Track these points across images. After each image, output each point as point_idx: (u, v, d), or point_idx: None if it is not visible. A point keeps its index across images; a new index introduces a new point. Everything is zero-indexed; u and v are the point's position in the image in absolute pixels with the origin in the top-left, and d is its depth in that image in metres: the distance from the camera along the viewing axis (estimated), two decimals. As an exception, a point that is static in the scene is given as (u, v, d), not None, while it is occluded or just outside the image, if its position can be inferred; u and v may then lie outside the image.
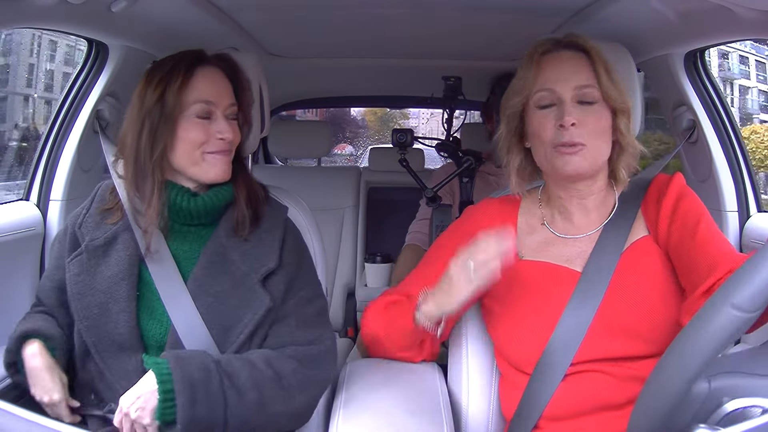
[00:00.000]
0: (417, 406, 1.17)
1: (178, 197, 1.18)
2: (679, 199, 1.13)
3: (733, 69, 6.16)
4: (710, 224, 1.12)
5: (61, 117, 1.63)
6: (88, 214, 1.24)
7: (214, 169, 1.18)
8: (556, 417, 1.11)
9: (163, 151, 1.15)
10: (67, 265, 1.20)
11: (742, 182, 1.63)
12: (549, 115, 1.13)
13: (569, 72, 1.13)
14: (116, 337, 1.14)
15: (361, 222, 2.84)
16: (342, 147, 9.86)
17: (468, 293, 1.09)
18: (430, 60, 2.30)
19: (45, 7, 1.19)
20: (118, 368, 1.14)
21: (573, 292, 1.12)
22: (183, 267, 1.18)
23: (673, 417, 0.80)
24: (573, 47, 1.15)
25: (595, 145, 1.12)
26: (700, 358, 0.76)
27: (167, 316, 1.15)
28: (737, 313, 0.73)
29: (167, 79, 1.15)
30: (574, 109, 1.11)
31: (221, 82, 1.20)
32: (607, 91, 1.12)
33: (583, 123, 1.11)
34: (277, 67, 2.32)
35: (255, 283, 1.16)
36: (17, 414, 0.69)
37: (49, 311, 1.23)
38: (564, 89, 1.12)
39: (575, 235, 1.19)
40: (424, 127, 10.27)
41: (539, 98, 1.14)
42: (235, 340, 1.14)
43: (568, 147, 1.11)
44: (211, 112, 1.17)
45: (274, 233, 1.21)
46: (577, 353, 1.10)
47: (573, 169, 1.12)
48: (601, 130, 1.13)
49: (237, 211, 1.20)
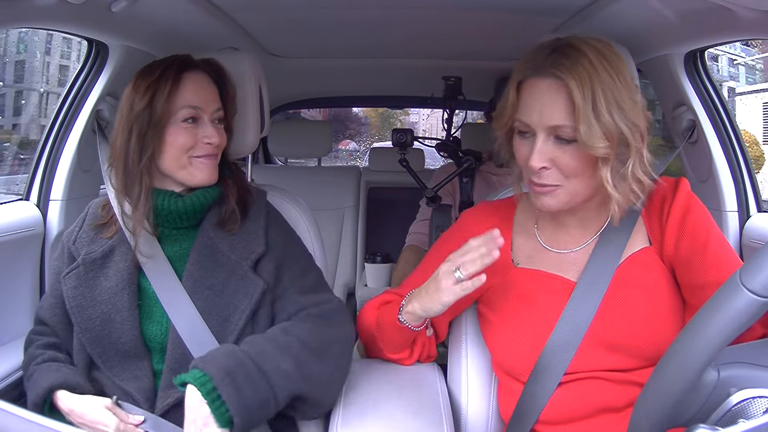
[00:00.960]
0: (417, 406, 1.17)
1: (165, 201, 1.20)
2: (687, 211, 1.06)
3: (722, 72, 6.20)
4: (720, 239, 1.07)
5: (61, 117, 1.63)
6: (81, 231, 1.26)
7: (201, 173, 1.20)
8: (553, 421, 1.11)
9: (151, 156, 1.17)
10: (63, 280, 1.21)
11: (742, 182, 1.63)
12: (525, 146, 1.04)
13: (546, 105, 1.00)
14: (120, 346, 1.16)
15: (361, 222, 2.84)
16: (345, 143, 10.07)
17: (453, 296, 1.08)
18: (430, 60, 2.30)
19: (45, 7, 1.19)
20: (125, 374, 1.16)
21: (567, 303, 1.09)
22: (177, 267, 1.20)
23: (682, 404, 0.79)
24: (556, 76, 0.99)
25: (571, 185, 1.03)
26: (714, 342, 0.75)
27: (166, 317, 1.16)
28: (755, 297, 0.72)
29: (156, 86, 1.16)
30: (546, 148, 1.01)
31: (208, 87, 1.22)
32: (584, 137, 0.96)
33: (558, 163, 1.01)
34: (277, 67, 2.33)
35: (247, 270, 1.18)
36: (17, 414, 0.69)
37: (52, 333, 1.23)
38: (537, 125, 1.01)
39: (571, 248, 1.14)
40: (424, 123, 10.30)
41: (517, 127, 1.05)
42: (234, 328, 1.16)
43: (538, 186, 1.04)
44: (198, 117, 1.20)
45: (258, 219, 1.24)
46: (572, 364, 1.08)
47: (545, 208, 1.07)
48: (580, 170, 1.01)
49: (226, 209, 1.22)
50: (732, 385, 0.79)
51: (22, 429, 0.68)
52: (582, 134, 0.97)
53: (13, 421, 0.68)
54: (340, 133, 9.78)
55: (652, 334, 1.06)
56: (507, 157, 1.14)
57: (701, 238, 1.05)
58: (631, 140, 1.00)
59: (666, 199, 1.09)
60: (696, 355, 0.77)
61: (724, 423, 0.79)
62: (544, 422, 1.11)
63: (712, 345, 0.76)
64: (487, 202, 1.30)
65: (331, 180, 2.87)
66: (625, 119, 0.98)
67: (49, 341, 1.23)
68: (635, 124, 1.00)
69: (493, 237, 1.06)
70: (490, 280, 1.11)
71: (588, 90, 0.97)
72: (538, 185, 1.05)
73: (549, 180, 1.03)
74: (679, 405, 0.80)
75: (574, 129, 0.98)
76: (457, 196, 2.24)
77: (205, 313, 1.16)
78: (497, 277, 1.17)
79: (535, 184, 1.06)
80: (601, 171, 1.00)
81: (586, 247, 1.14)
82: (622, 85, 0.99)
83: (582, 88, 0.97)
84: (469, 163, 2.09)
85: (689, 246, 1.05)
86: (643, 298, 1.08)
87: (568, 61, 0.98)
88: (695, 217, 1.06)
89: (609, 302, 1.08)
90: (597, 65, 0.98)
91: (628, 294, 1.08)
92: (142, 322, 1.17)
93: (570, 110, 0.98)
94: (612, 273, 1.09)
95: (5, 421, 0.68)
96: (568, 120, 0.98)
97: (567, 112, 0.98)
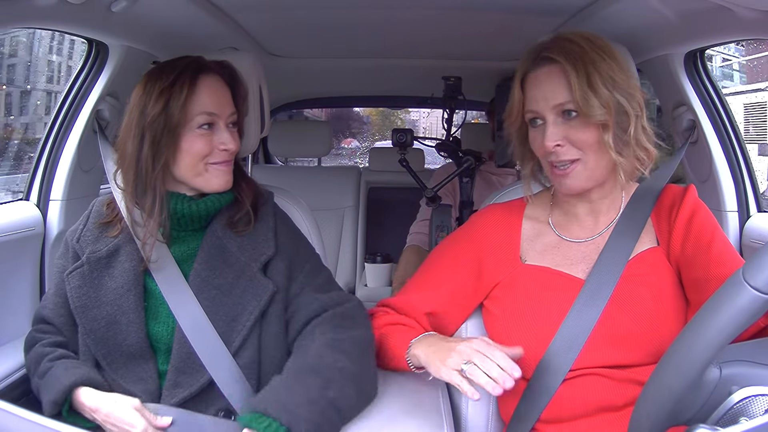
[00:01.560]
0: (417, 406, 1.17)
1: (179, 204, 1.18)
2: (693, 214, 1.12)
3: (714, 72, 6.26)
4: (723, 240, 1.11)
5: (61, 117, 1.63)
6: (85, 229, 1.24)
7: (218, 180, 1.18)
8: (553, 419, 1.11)
9: (165, 163, 1.14)
10: (67, 279, 1.19)
11: (742, 182, 1.63)
12: (538, 133, 1.12)
13: (548, 90, 1.10)
14: (126, 347, 1.15)
15: (361, 222, 2.84)
16: (348, 141, 10.44)
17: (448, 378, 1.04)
18: (430, 60, 2.30)
19: (45, 7, 1.19)
20: (130, 376, 1.15)
21: (575, 300, 1.11)
22: (184, 267, 1.19)
23: (683, 401, 0.79)
24: (548, 60, 1.10)
25: (590, 158, 1.10)
26: (717, 339, 0.75)
27: (172, 317, 1.15)
28: (758, 294, 0.73)
29: (171, 91, 1.13)
30: (557, 128, 1.09)
31: (222, 90, 1.19)
32: (583, 107, 1.06)
33: (571, 139, 1.09)
34: (277, 67, 2.32)
35: (256, 272, 1.17)
36: (17, 414, 0.69)
37: (57, 332, 1.21)
38: (545, 109, 1.10)
39: (582, 238, 1.18)
40: (424, 121, 10.38)
41: (529, 118, 1.14)
42: (241, 329, 1.15)
43: (560, 168, 1.11)
44: (213, 122, 1.17)
45: (266, 221, 1.22)
46: (576, 360, 1.09)
47: (567, 190, 1.13)
48: (591, 141, 1.08)
49: (240, 211, 1.21)
50: (734, 383, 0.79)
51: (22, 429, 0.68)
52: (580, 105, 1.06)
53: (13, 421, 0.68)
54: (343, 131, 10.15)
55: (655, 328, 1.08)
56: (520, 157, 1.21)
57: (706, 237, 1.09)
58: (628, 108, 1.08)
59: (675, 203, 1.14)
60: (698, 352, 0.77)
61: (726, 421, 0.79)
62: (545, 421, 1.11)
63: (715, 342, 0.76)
64: (495, 204, 1.32)
65: (331, 180, 2.87)
66: (619, 89, 1.08)
67: (56, 340, 1.20)
68: (630, 93, 1.09)
69: (513, 368, 1.00)
70: (497, 278, 1.17)
71: (581, 66, 1.07)
72: (559, 167, 1.10)
73: (567, 156, 1.09)
74: (681, 403, 0.80)
75: (575, 102, 1.07)
76: (457, 196, 2.24)
77: (211, 312, 1.15)
78: (504, 273, 1.19)
79: (555, 168, 1.11)
80: (603, 137, 1.07)
81: (596, 241, 1.17)
82: (613, 63, 1.09)
83: (575, 65, 1.07)
84: (469, 163, 2.09)
85: (694, 245, 1.10)
86: (648, 295, 1.10)
87: (558, 46, 1.10)
88: (701, 220, 1.11)
89: (615, 298, 1.10)
90: (586, 47, 1.09)
91: (635, 291, 1.11)
92: (148, 323, 1.16)
93: (569, 88, 1.07)
94: (620, 271, 1.11)
95: (5, 421, 0.68)
96: (569, 96, 1.07)
97: (567, 89, 1.08)
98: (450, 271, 1.24)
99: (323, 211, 2.72)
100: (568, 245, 1.19)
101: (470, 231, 1.27)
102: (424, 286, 1.25)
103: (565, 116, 1.09)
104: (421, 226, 2.38)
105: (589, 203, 1.18)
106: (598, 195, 1.17)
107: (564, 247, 1.19)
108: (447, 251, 1.27)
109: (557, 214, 1.23)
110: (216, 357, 1.14)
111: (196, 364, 1.13)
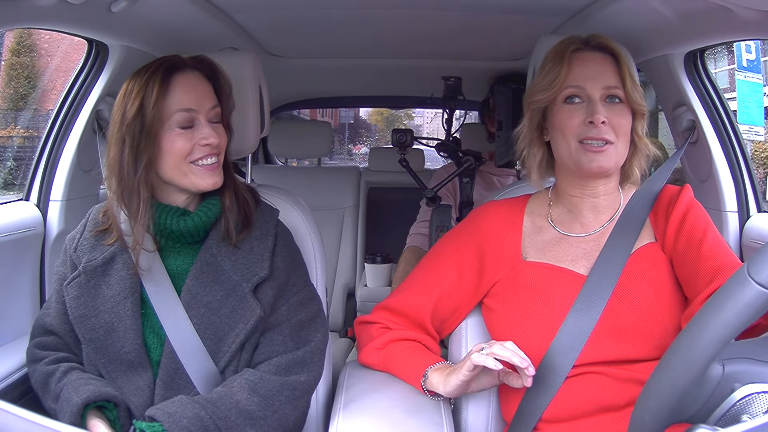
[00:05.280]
0: (417, 406, 1.17)
1: (168, 219, 1.16)
2: (687, 210, 1.16)
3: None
4: (716, 236, 1.14)
5: (61, 117, 1.63)
6: (82, 238, 1.22)
7: (203, 180, 1.16)
8: (555, 419, 1.11)
9: (147, 165, 1.13)
10: (65, 289, 1.18)
11: (742, 182, 1.63)
12: (577, 111, 1.16)
13: (599, 72, 1.17)
14: (124, 355, 1.14)
15: (361, 222, 2.84)
16: (359, 147, 10.94)
17: (473, 362, 1.06)
18: (430, 60, 2.30)
19: (45, 7, 1.19)
20: (129, 387, 1.14)
21: (577, 296, 1.12)
22: (177, 281, 1.18)
23: (686, 398, 0.79)
24: (601, 49, 1.19)
25: (620, 144, 1.16)
26: (722, 335, 0.76)
27: (164, 330, 1.15)
28: (763, 290, 0.73)
29: (143, 91, 1.12)
30: (603, 108, 1.15)
31: (201, 85, 1.17)
32: (631, 94, 1.16)
33: (611, 122, 1.15)
34: (277, 67, 2.32)
35: (246, 293, 1.16)
36: (17, 414, 0.69)
37: (58, 345, 1.20)
38: (593, 88, 1.15)
39: (582, 233, 1.20)
40: (428, 126, 10.45)
41: (568, 94, 1.17)
42: (227, 350, 1.14)
43: (595, 146, 1.14)
44: (193, 119, 1.15)
45: (266, 240, 1.20)
46: (579, 356, 1.09)
47: (597, 167, 1.15)
48: (626, 129, 1.16)
49: (224, 221, 1.18)
50: (736, 381, 0.79)
51: (22, 429, 0.68)
52: (629, 93, 1.16)
53: (13, 421, 0.68)
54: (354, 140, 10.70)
55: (658, 321, 1.10)
56: (527, 143, 1.23)
57: (698, 235, 1.13)
58: (645, 113, 1.20)
59: (671, 202, 1.18)
60: (702, 348, 0.77)
61: (728, 419, 0.79)
62: (546, 420, 1.11)
63: (719, 338, 0.76)
64: (496, 201, 1.32)
65: (331, 180, 2.87)
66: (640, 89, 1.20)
67: (58, 356, 1.19)
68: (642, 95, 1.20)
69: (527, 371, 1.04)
70: (498, 275, 1.19)
71: (630, 61, 1.21)
72: (594, 144, 1.14)
73: (607, 135, 1.14)
74: (683, 399, 0.80)
75: (623, 91, 1.16)
76: (457, 197, 2.24)
77: (200, 330, 1.14)
78: (505, 270, 1.20)
79: (591, 144, 1.15)
80: (637, 126, 1.18)
81: (596, 237, 1.18)
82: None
83: (627, 58, 1.20)
84: (469, 163, 2.09)
85: (686, 241, 1.13)
86: (649, 289, 1.12)
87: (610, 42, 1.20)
88: (694, 217, 1.15)
89: (617, 292, 1.12)
90: (624, 54, 1.21)
91: (636, 285, 1.12)
92: (146, 333, 1.16)
93: (617, 77, 1.17)
94: (622, 266, 1.13)
95: (5, 421, 0.68)
96: (618, 82, 1.17)
97: (616, 76, 1.17)
98: (451, 268, 1.24)
99: (323, 211, 2.71)
100: (568, 241, 1.20)
101: (472, 227, 1.27)
102: (424, 284, 1.25)
103: (608, 101, 1.16)
104: (421, 227, 2.38)
105: (594, 198, 1.20)
106: (604, 190, 1.20)
107: (565, 243, 1.20)
108: (448, 247, 1.27)
109: (557, 210, 1.24)
110: (204, 373, 1.14)
111: (183, 380, 1.13)
